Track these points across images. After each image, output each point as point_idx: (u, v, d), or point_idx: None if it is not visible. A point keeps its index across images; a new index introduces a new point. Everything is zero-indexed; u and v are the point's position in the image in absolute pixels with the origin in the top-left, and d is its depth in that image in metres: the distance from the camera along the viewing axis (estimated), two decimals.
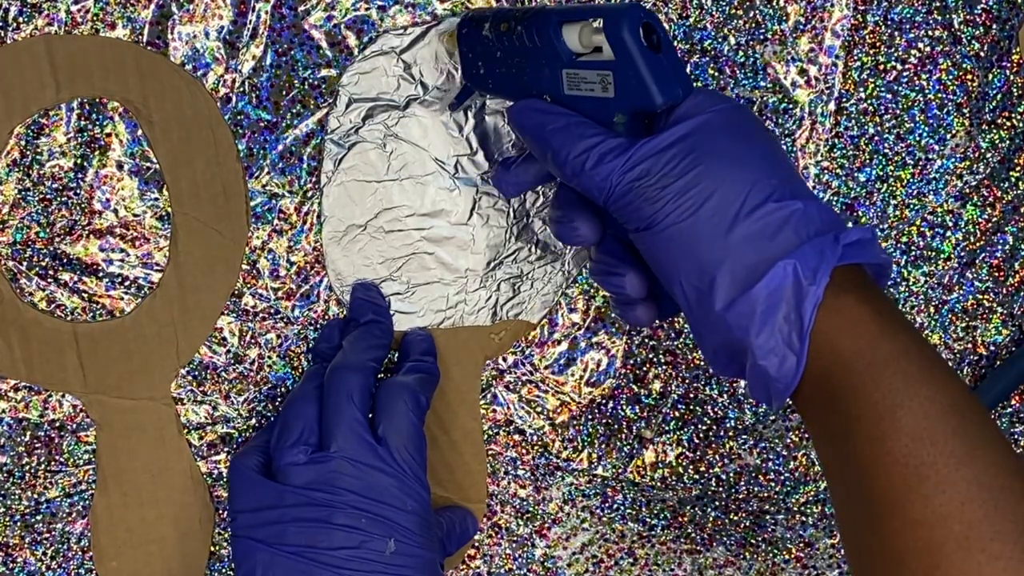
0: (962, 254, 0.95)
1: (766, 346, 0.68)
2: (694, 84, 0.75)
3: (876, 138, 0.93)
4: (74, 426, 0.90)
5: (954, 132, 0.94)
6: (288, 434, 0.81)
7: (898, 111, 0.93)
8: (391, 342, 0.90)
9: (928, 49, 0.93)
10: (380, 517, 0.78)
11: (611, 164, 0.72)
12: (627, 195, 0.71)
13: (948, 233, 0.95)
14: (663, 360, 0.95)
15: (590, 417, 0.95)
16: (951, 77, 0.93)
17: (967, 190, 0.95)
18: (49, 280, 0.88)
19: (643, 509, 0.96)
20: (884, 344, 0.67)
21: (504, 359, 0.94)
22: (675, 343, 0.95)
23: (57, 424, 0.90)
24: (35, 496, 0.91)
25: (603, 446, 0.95)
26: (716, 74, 0.91)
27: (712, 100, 0.73)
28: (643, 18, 0.72)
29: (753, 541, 0.98)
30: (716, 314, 0.69)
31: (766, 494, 0.97)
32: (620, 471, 0.96)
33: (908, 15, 0.92)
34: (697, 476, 0.96)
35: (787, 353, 0.68)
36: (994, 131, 0.94)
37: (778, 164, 0.72)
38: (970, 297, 0.96)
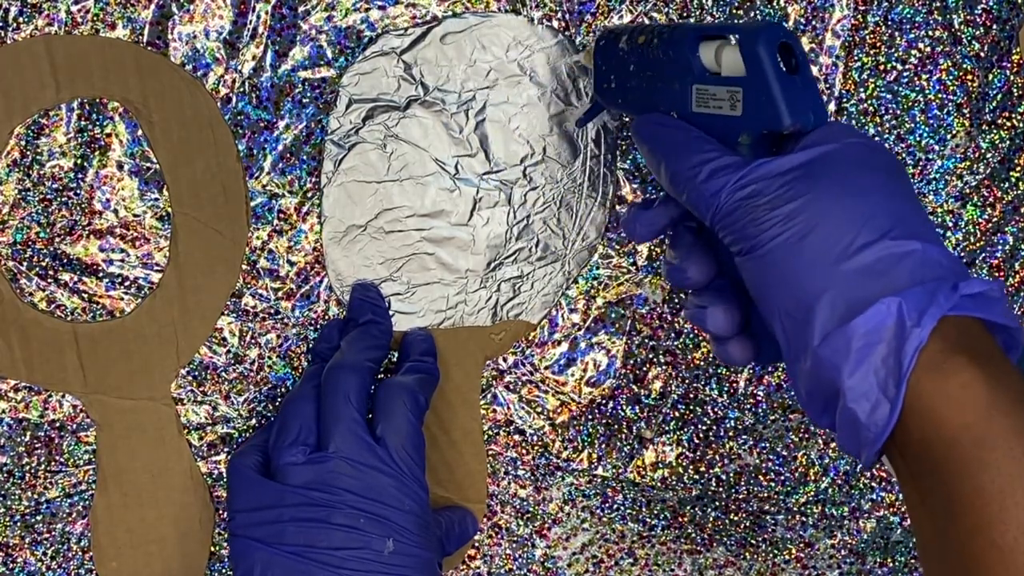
0: (962, 254, 0.95)
1: (858, 388, 0.63)
2: (827, 112, 0.72)
3: (876, 138, 0.93)
4: (74, 426, 0.90)
5: (954, 132, 0.94)
6: (286, 434, 0.81)
7: (898, 111, 0.93)
8: (390, 342, 0.90)
9: (928, 49, 0.93)
10: (378, 517, 0.78)
11: (722, 179, 0.69)
12: (733, 213, 0.69)
13: (948, 233, 0.95)
14: (663, 360, 0.95)
15: (590, 417, 0.95)
16: (951, 77, 0.93)
17: (967, 190, 0.95)
18: (49, 280, 0.88)
19: (643, 509, 0.96)
20: (996, 420, 0.61)
21: (504, 359, 0.94)
22: (675, 343, 0.95)
23: (57, 424, 0.90)
24: (35, 496, 0.91)
25: (603, 446, 0.95)
26: None
27: (844, 133, 0.70)
28: (782, 38, 0.70)
29: (753, 541, 0.98)
30: (811, 349, 0.65)
31: (766, 494, 0.97)
32: (620, 471, 0.96)
33: (908, 15, 0.92)
34: (697, 476, 0.96)
35: (880, 398, 0.63)
36: (994, 131, 0.94)
37: (903, 203, 0.68)
38: None
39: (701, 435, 0.96)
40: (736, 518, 0.97)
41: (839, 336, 0.64)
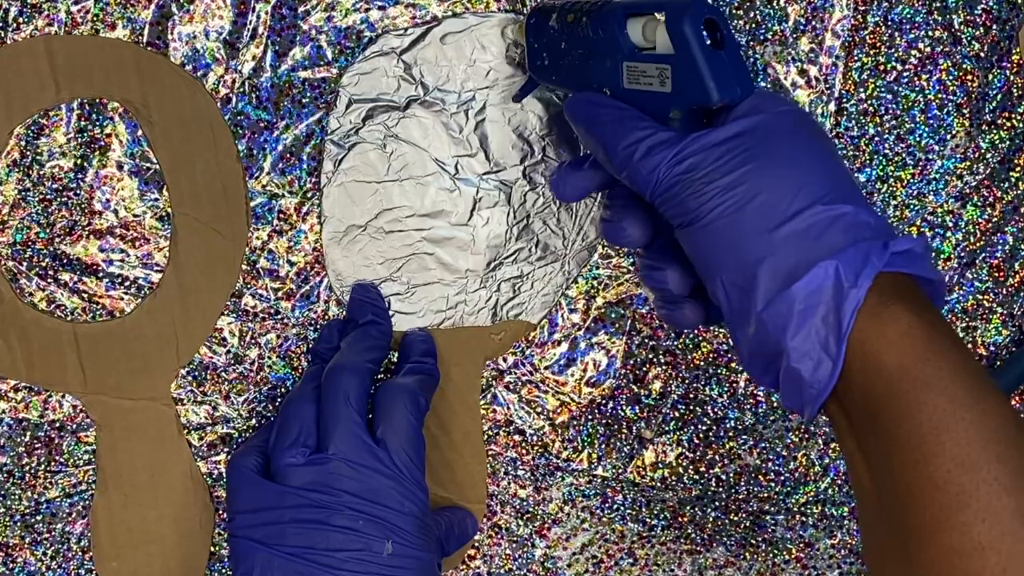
0: (962, 254, 0.95)
1: (801, 348, 0.66)
2: (754, 84, 0.73)
3: (876, 138, 0.93)
4: (74, 426, 0.90)
5: (954, 132, 0.94)
6: (286, 435, 0.81)
7: (898, 111, 0.93)
8: (390, 343, 0.90)
9: (928, 49, 0.93)
10: (378, 519, 0.78)
11: (659, 156, 0.71)
12: (673, 187, 0.71)
13: (948, 233, 0.95)
14: (663, 360, 0.95)
15: (590, 417, 0.95)
16: (951, 77, 0.93)
17: (967, 190, 0.95)
18: (49, 280, 0.88)
19: (643, 509, 0.96)
20: (932, 361, 0.64)
21: (504, 359, 0.94)
22: (675, 343, 0.95)
23: (57, 424, 0.90)
24: (35, 496, 0.91)
25: (603, 446, 0.95)
26: None
27: (772, 102, 0.72)
28: (706, 13, 0.71)
29: (753, 541, 0.98)
30: (755, 314, 0.68)
31: (766, 494, 0.97)
32: (620, 471, 0.96)
33: (908, 15, 0.92)
34: (697, 476, 0.96)
35: (823, 357, 0.66)
36: (994, 131, 0.94)
37: (833, 169, 0.71)
38: (970, 297, 0.96)
39: (701, 435, 0.96)
40: (736, 518, 0.97)
41: (781, 300, 0.66)
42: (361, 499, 0.78)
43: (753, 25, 0.91)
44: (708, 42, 0.71)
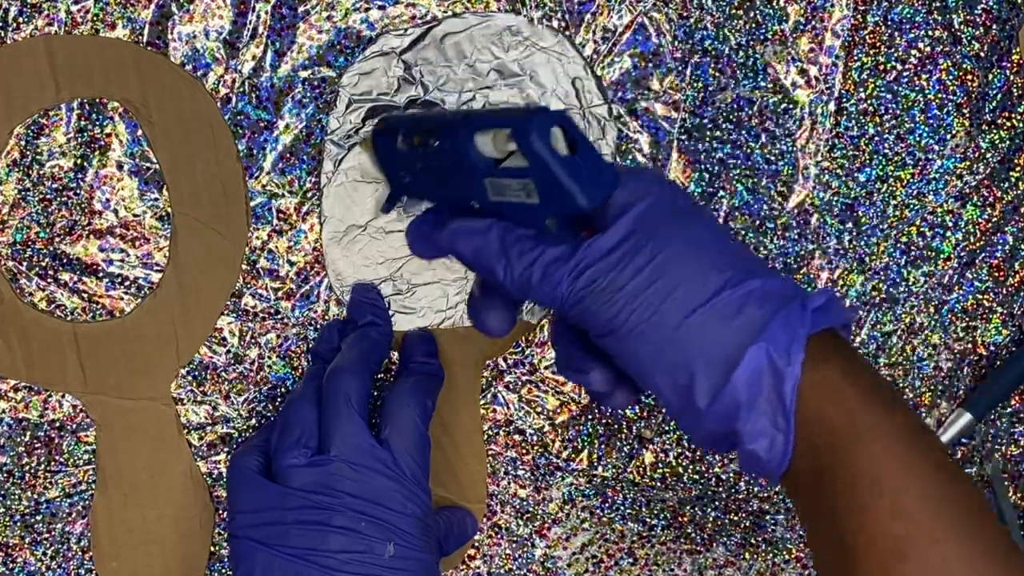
0: (962, 254, 0.95)
1: (753, 431, 0.66)
2: (617, 172, 0.71)
3: (876, 138, 0.93)
4: (74, 426, 0.90)
5: (954, 132, 0.94)
6: (288, 436, 0.81)
7: (898, 111, 0.93)
8: (391, 344, 0.90)
9: (928, 49, 0.93)
10: (380, 520, 0.78)
11: (558, 274, 0.69)
12: (581, 303, 0.69)
13: (948, 233, 0.95)
14: None
15: (590, 417, 0.95)
16: (951, 77, 0.93)
17: (967, 190, 0.95)
18: (49, 280, 0.88)
19: (643, 509, 0.96)
20: (863, 418, 0.65)
21: (504, 359, 0.94)
22: None
23: (57, 424, 0.90)
24: (35, 496, 0.91)
25: (603, 446, 0.95)
26: (716, 74, 0.91)
27: (645, 185, 0.71)
28: (552, 123, 0.68)
29: (753, 541, 0.98)
30: (701, 410, 0.67)
31: (766, 494, 0.97)
32: (620, 471, 0.96)
33: (908, 15, 0.92)
34: (697, 476, 0.96)
35: (775, 434, 0.66)
36: (994, 131, 0.94)
37: (724, 244, 0.70)
38: (970, 297, 0.96)
39: None
40: (736, 518, 0.97)
41: (726, 393, 0.66)
42: (363, 500, 0.78)
43: (753, 25, 0.91)
44: (564, 150, 0.68)
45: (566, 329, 0.78)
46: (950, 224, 0.95)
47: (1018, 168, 0.95)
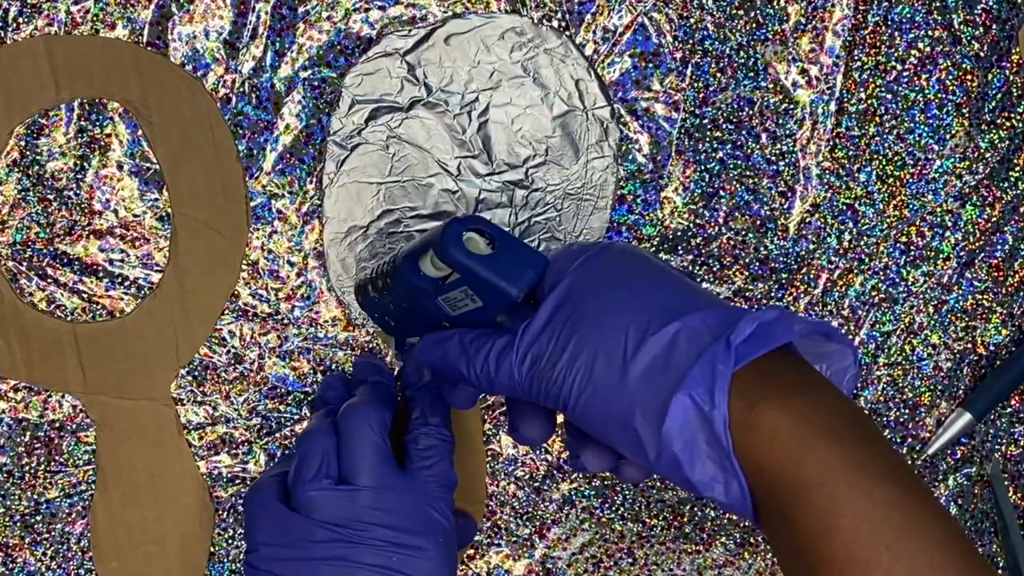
0: (962, 254, 0.95)
1: (704, 479, 0.65)
2: (542, 256, 0.74)
3: (876, 138, 0.93)
4: (74, 426, 0.90)
5: (954, 132, 0.94)
6: (308, 466, 0.79)
7: (898, 111, 0.93)
8: (396, 404, 0.89)
9: (928, 49, 0.93)
10: (410, 554, 0.78)
11: (507, 362, 0.72)
12: (532, 384, 0.71)
13: (948, 233, 0.95)
14: None
15: None
16: (951, 77, 0.93)
17: (967, 190, 0.95)
18: (49, 280, 0.88)
19: (642, 509, 0.96)
20: (806, 462, 0.63)
21: None
22: None
23: (57, 424, 0.90)
24: (35, 496, 0.91)
25: None
26: (717, 74, 0.91)
27: (570, 259, 0.72)
28: (462, 230, 0.73)
29: (752, 541, 0.98)
30: (653, 465, 0.67)
31: None
32: None
33: (908, 15, 0.92)
34: None
35: (728, 479, 0.65)
36: (994, 131, 0.94)
37: (648, 291, 0.70)
38: (970, 297, 0.96)
39: None
40: (735, 518, 0.97)
41: (663, 446, 0.65)
42: (394, 531, 0.78)
43: (754, 25, 0.91)
44: (487, 248, 0.73)
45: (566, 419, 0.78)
46: (950, 224, 0.95)
47: (1017, 168, 0.95)
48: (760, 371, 0.65)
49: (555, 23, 0.89)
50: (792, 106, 0.92)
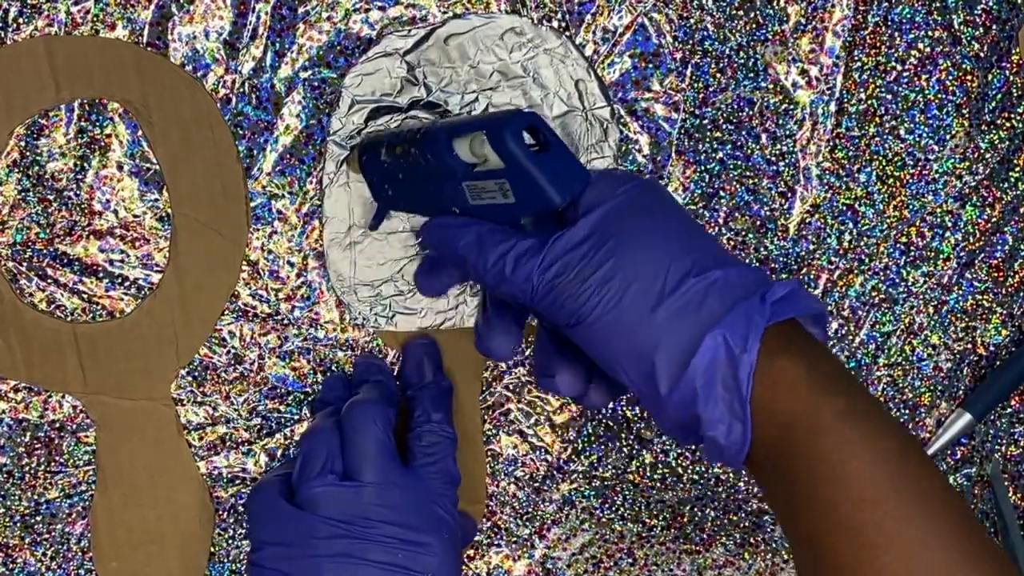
0: (962, 254, 0.95)
1: (712, 417, 0.68)
2: (588, 171, 0.75)
3: (876, 138, 0.93)
4: (74, 426, 0.90)
5: (954, 133, 0.94)
6: (313, 464, 0.80)
7: (898, 111, 0.93)
8: (398, 403, 0.89)
9: (928, 50, 0.93)
10: (416, 550, 0.78)
11: (528, 265, 0.73)
12: (550, 293, 0.72)
13: (948, 234, 0.95)
14: None
15: (590, 418, 0.95)
16: (951, 78, 0.93)
17: (967, 191, 0.95)
18: (49, 281, 0.88)
19: (643, 510, 0.96)
20: (821, 408, 0.67)
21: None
22: None
23: (57, 425, 0.90)
24: (35, 497, 0.91)
25: (603, 447, 0.95)
26: (717, 75, 0.91)
27: (614, 184, 0.73)
28: (525, 123, 0.72)
29: (752, 541, 0.98)
30: (662, 396, 0.69)
31: None
32: (620, 472, 0.96)
33: (908, 15, 0.92)
34: (697, 476, 0.96)
35: (733, 421, 0.68)
36: (993, 132, 0.94)
37: (691, 236, 0.72)
38: (970, 297, 0.96)
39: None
40: (735, 518, 0.97)
41: (683, 380, 0.68)
42: (399, 528, 0.78)
43: (754, 26, 0.91)
44: (535, 148, 0.73)
45: (541, 337, 0.81)
46: (950, 224, 0.95)
47: (1017, 168, 0.95)
48: (780, 330, 0.68)
49: (555, 23, 0.89)
50: (792, 106, 0.92)
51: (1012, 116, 0.94)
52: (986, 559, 0.64)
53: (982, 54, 0.93)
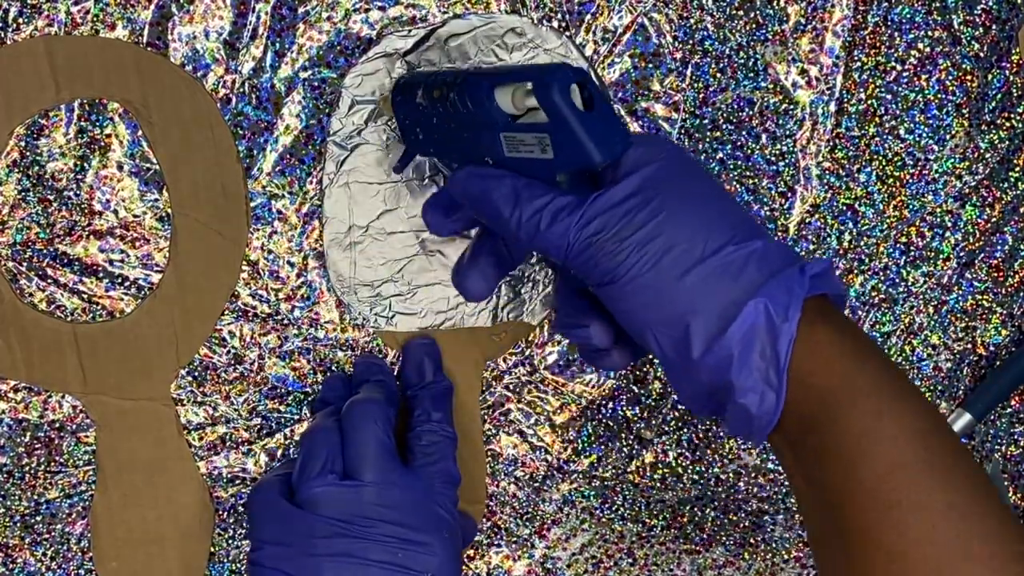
0: (961, 254, 0.95)
1: (745, 385, 0.68)
2: (630, 133, 0.74)
3: (876, 138, 0.93)
4: (74, 426, 0.90)
5: (953, 132, 0.94)
6: (313, 463, 0.80)
7: (898, 111, 0.93)
8: (398, 403, 0.89)
9: (928, 50, 0.93)
10: (417, 550, 0.78)
11: (566, 222, 0.72)
12: (587, 251, 0.71)
13: (948, 233, 0.95)
14: None
15: (590, 418, 0.95)
16: (951, 78, 0.93)
17: (966, 191, 0.95)
18: (49, 281, 0.88)
19: (642, 510, 0.97)
20: (857, 378, 0.67)
21: (505, 360, 0.94)
22: None
23: (57, 425, 0.90)
24: (35, 497, 0.91)
25: (603, 447, 0.95)
26: (717, 75, 0.91)
27: (656, 149, 0.73)
28: (573, 78, 0.70)
29: (752, 541, 0.98)
30: (694, 361, 0.69)
31: (765, 494, 0.97)
32: (620, 472, 0.96)
33: (908, 15, 0.92)
34: (697, 476, 0.96)
35: (766, 390, 0.68)
36: (993, 132, 0.94)
37: (728, 205, 0.73)
38: (970, 297, 0.96)
39: (701, 435, 0.96)
40: (735, 518, 0.97)
41: (719, 344, 0.68)
42: (400, 527, 0.78)
43: (754, 25, 0.91)
44: (579, 105, 0.71)
45: (568, 287, 0.81)
46: (950, 224, 0.95)
47: (1017, 168, 0.95)
48: (815, 303, 0.69)
49: (555, 23, 0.89)
50: (792, 106, 0.92)
51: (1012, 116, 0.94)
52: (1008, 533, 0.64)
53: (982, 54, 0.93)
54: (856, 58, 0.92)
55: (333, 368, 0.92)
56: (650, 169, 0.71)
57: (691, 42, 0.91)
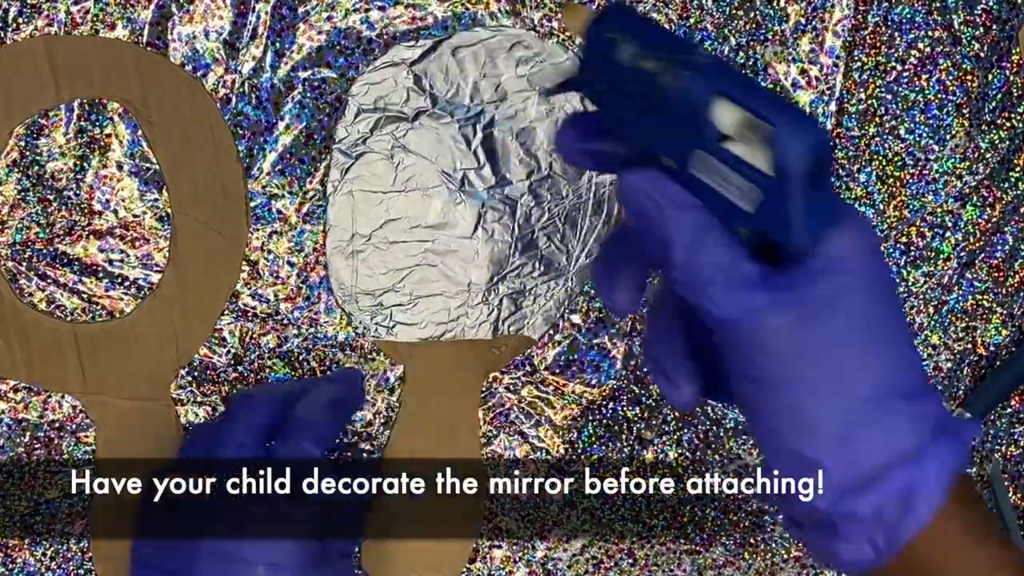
0: (962, 254, 0.95)
1: (850, 541, 0.62)
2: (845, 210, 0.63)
3: (876, 138, 0.93)
4: (74, 426, 0.90)
5: (954, 132, 0.94)
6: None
7: (898, 111, 0.93)
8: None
9: (928, 50, 0.93)
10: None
11: (736, 297, 0.61)
12: (749, 336, 0.61)
13: (948, 234, 0.95)
14: None
15: (590, 418, 0.95)
16: (951, 78, 0.93)
17: (967, 191, 0.95)
18: (49, 281, 0.88)
19: (643, 509, 0.97)
20: (970, 558, 0.62)
21: None
22: None
23: (57, 424, 0.90)
24: (35, 496, 0.91)
25: (603, 447, 0.95)
26: None
27: (858, 248, 0.62)
28: (824, 144, 0.59)
29: (752, 541, 0.98)
30: (812, 499, 0.61)
31: None
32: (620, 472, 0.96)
33: (908, 15, 0.92)
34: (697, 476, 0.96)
35: (868, 551, 0.61)
36: (994, 132, 0.94)
37: (905, 342, 0.64)
38: (970, 297, 0.96)
39: (701, 435, 0.96)
40: (735, 518, 0.97)
41: (845, 503, 0.61)
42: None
43: (754, 26, 0.91)
44: (812, 177, 0.58)
45: (670, 330, 0.69)
46: (950, 224, 0.95)
47: (1018, 168, 0.95)
48: (957, 487, 0.62)
49: (555, 23, 0.89)
50: None
51: (1012, 116, 0.94)
52: None
53: (982, 54, 0.93)
54: (856, 58, 0.92)
55: (333, 368, 0.92)
56: (843, 278, 0.61)
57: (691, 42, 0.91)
